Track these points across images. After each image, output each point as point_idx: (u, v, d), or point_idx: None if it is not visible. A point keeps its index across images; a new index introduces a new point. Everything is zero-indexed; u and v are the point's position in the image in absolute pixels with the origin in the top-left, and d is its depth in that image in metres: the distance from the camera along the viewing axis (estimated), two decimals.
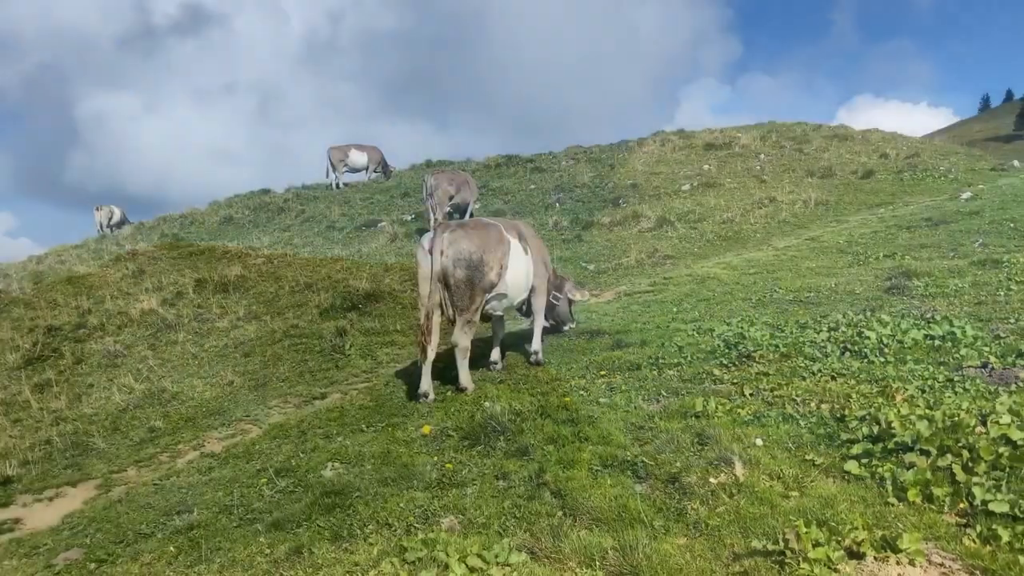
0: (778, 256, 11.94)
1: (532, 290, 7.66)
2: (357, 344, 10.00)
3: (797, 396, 5.57)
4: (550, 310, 8.42)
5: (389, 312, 11.67)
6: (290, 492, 5.37)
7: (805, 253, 11.86)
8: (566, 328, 8.67)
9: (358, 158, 25.94)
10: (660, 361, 6.92)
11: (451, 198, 16.33)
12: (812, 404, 5.42)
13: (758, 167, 20.46)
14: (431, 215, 16.10)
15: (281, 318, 12.15)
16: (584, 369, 7.11)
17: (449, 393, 7.12)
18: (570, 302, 8.62)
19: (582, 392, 6.46)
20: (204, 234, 21.23)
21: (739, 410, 5.48)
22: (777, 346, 6.76)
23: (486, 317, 7.60)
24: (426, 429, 6.09)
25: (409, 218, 19.35)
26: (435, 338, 6.85)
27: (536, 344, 7.68)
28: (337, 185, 25.36)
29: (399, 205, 21.23)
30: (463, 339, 6.92)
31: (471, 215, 16.82)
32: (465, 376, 7.04)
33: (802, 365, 6.23)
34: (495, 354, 7.83)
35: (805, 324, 7.47)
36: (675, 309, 9.28)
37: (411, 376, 8.00)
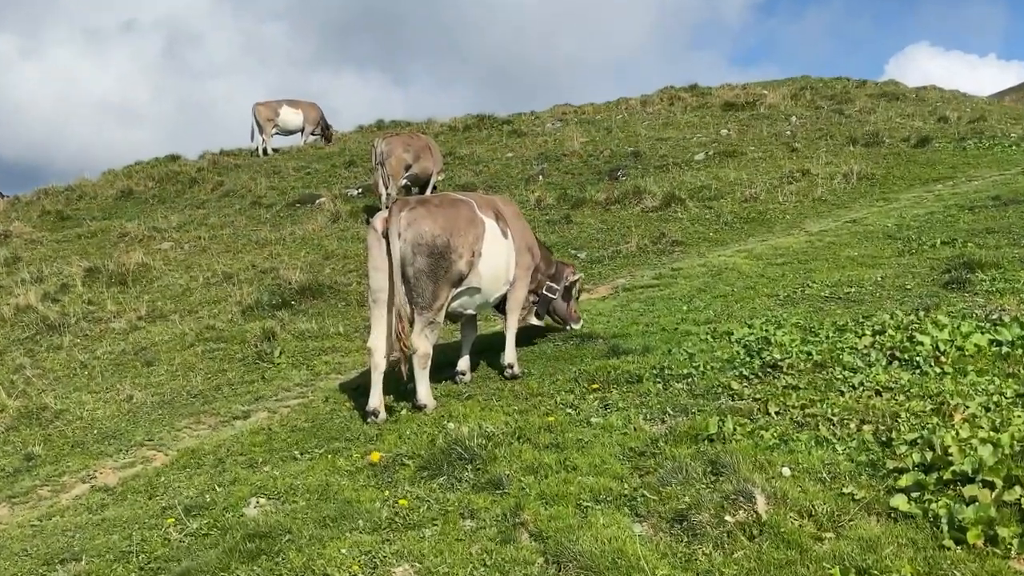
0: (812, 242, 11.99)
1: (513, 283, 7.72)
2: (289, 350, 10.01)
3: (834, 415, 5.62)
4: (543, 306, 8.48)
5: (330, 311, 11.67)
6: (204, 535, 5.35)
7: (845, 239, 11.91)
8: (569, 328, 8.75)
9: (291, 117, 25.86)
10: (666, 372, 6.96)
11: (408, 168, 16.35)
12: (852, 425, 5.46)
13: (788, 132, 20.66)
14: (383, 189, 16.13)
15: (194, 317, 12.09)
16: (572, 382, 7.14)
17: (404, 411, 7.13)
18: (569, 292, 8.66)
19: (569, 410, 6.49)
20: (97, 211, 21.05)
21: (762, 432, 5.51)
22: (810, 353, 6.79)
23: (454, 317, 7.64)
24: (375, 456, 6.10)
25: (355, 193, 19.30)
26: (388, 343, 6.90)
27: (510, 354, 7.75)
28: (265, 151, 25.28)
29: (343, 177, 21.18)
30: (423, 344, 6.94)
31: (434, 189, 16.81)
32: (424, 391, 7.06)
33: (840, 377, 6.27)
34: (463, 363, 7.86)
35: (844, 326, 7.49)
36: (685, 308, 9.32)
37: (357, 390, 8.00)
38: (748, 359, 6.95)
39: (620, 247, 13.41)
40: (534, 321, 8.60)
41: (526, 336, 8.77)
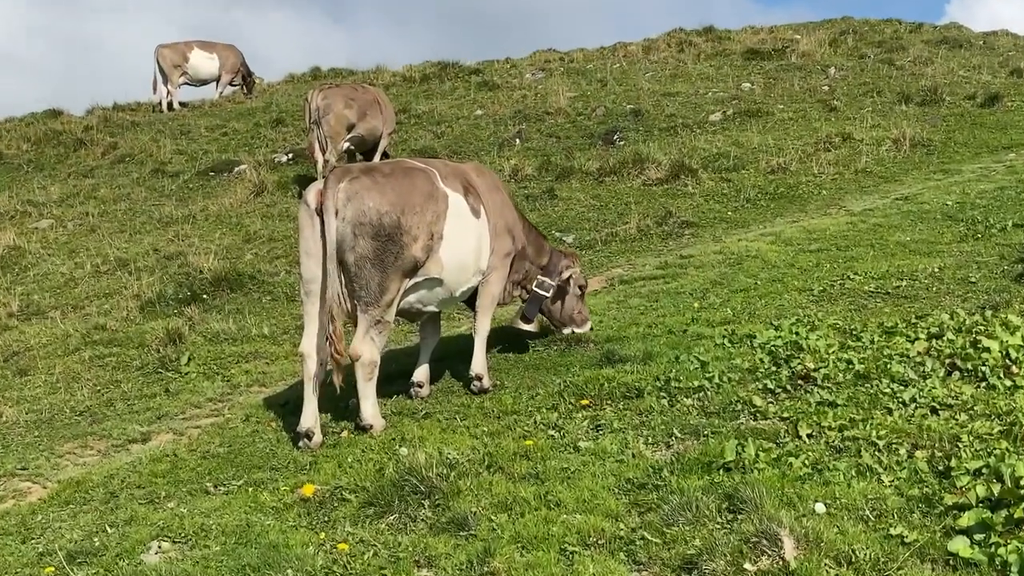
0: (854, 225, 12.02)
1: (486, 274, 7.74)
2: (200, 357, 9.98)
3: (879, 438, 5.62)
4: (534, 305, 8.50)
5: (252, 307, 11.65)
6: None
7: (894, 220, 11.95)
8: (574, 332, 8.71)
9: (204, 63, 25.68)
10: (672, 384, 6.95)
11: (351, 128, 16.29)
12: (901, 450, 5.47)
13: (826, 87, 20.77)
14: (319, 155, 16.06)
15: (79, 315, 12.01)
16: (556, 397, 7.14)
17: (346, 433, 7.11)
18: (563, 290, 8.61)
19: (552, 432, 6.48)
20: None
21: (791, 460, 5.50)
22: (850, 362, 6.79)
23: (410, 315, 7.65)
24: (308, 489, 6.06)
25: (285, 159, 19.23)
26: (324, 346, 6.88)
27: (479, 363, 7.75)
28: (170, 105, 25.15)
29: (269, 138, 21.05)
30: (368, 349, 6.95)
31: (384, 156, 16.76)
32: (370, 407, 7.07)
33: (888, 391, 6.30)
34: (420, 373, 7.87)
35: (893, 328, 7.51)
36: (696, 305, 9.32)
37: (285, 407, 7.97)
38: (774, 369, 6.95)
39: (616, 229, 13.37)
40: (523, 326, 8.67)
41: (499, 339, 8.77)
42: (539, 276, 8.45)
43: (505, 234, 7.83)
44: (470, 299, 7.95)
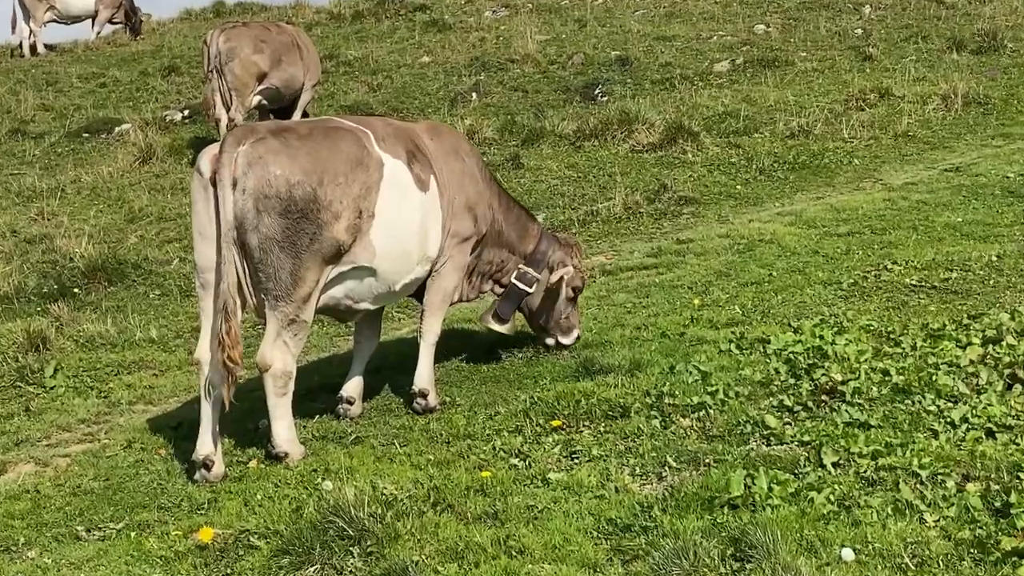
0: (892, 202, 12.06)
1: (438, 263, 7.76)
2: (70, 367, 9.89)
3: (922, 467, 5.63)
4: (511, 302, 8.48)
5: (136, 303, 11.60)
6: None
7: (943, 196, 11.95)
8: (558, 342, 8.71)
9: None
10: (666, 401, 6.94)
11: (262, 77, 16.17)
12: (949, 483, 5.48)
13: (859, 30, 20.86)
14: (222, 112, 15.96)
15: None
16: (521, 416, 7.14)
17: (255, 463, 7.09)
18: (556, 293, 8.55)
19: (515, 461, 6.48)
20: None
21: (812, 494, 5.49)
22: (887, 373, 6.82)
23: (340, 313, 7.67)
24: (206, 534, 6.00)
25: (179, 117, 19.20)
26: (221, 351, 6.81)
27: (424, 376, 7.80)
28: (34, 48, 25.00)
29: (159, 91, 21.00)
30: (280, 357, 6.93)
31: (305, 115, 16.66)
32: (285, 430, 7.06)
33: (932, 409, 6.32)
34: (352, 387, 7.89)
35: (940, 331, 7.53)
36: (697, 302, 9.31)
37: (178, 430, 7.95)
38: (792, 382, 6.97)
39: (598, 206, 13.36)
40: (495, 326, 8.59)
41: (452, 344, 8.75)
42: (521, 266, 8.46)
43: (464, 213, 7.84)
44: (421, 294, 7.95)
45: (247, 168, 6.71)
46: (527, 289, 8.44)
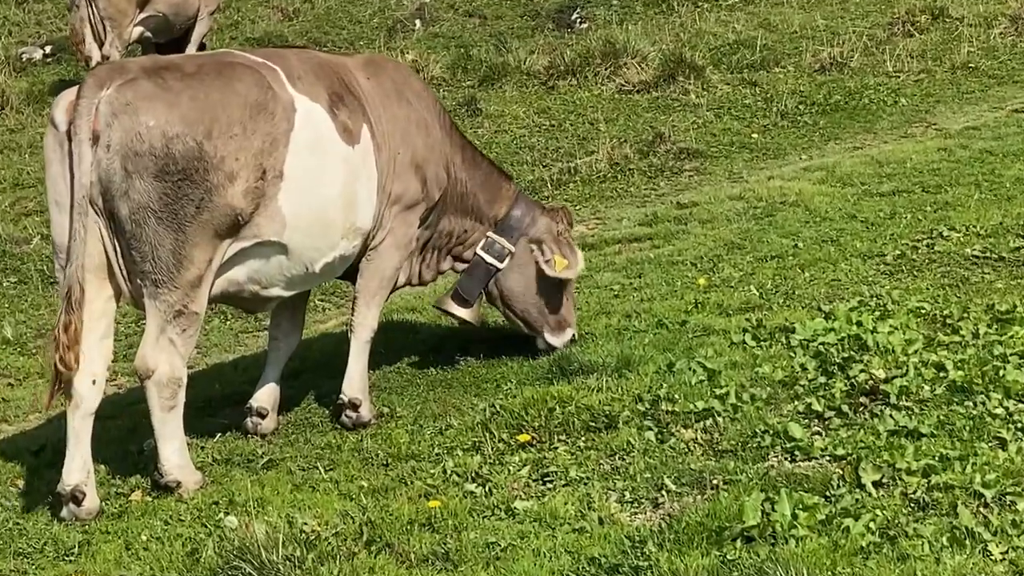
0: (949, 152, 11.75)
1: (374, 237, 7.46)
2: None
3: (986, 486, 5.47)
4: (477, 280, 8.07)
5: None
6: None
7: (1013, 144, 11.62)
8: (547, 342, 8.24)
9: None
10: (663, 407, 6.74)
11: (143, 3, 15.47)
12: (1020, 504, 5.32)
13: None
14: (93, 48, 15.38)
15: None
16: (479, 430, 6.93)
17: (139, 494, 6.86)
18: (555, 284, 8.16)
19: (473, 487, 6.30)
20: None
21: (848, 521, 5.32)
22: (942, 368, 6.66)
23: (250, 303, 7.46)
24: None
25: (40, 55, 19.02)
26: (96, 353, 6.60)
27: (354, 381, 7.53)
28: None
29: (13, 22, 20.77)
30: (166, 359, 6.61)
31: (202, 48, 16.23)
32: (175, 453, 6.77)
33: (999, 411, 6.18)
34: (264, 396, 7.59)
35: (1009, 315, 7.32)
36: (703, 282, 9.14)
37: (39, 454, 7.74)
38: (823, 380, 6.80)
39: (576, 162, 13.14)
40: (456, 311, 8.19)
41: (392, 338, 8.55)
42: (490, 234, 8.05)
43: (410, 172, 7.48)
44: (355, 275, 7.63)
45: (111, 118, 6.41)
46: (496, 264, 8.03)
